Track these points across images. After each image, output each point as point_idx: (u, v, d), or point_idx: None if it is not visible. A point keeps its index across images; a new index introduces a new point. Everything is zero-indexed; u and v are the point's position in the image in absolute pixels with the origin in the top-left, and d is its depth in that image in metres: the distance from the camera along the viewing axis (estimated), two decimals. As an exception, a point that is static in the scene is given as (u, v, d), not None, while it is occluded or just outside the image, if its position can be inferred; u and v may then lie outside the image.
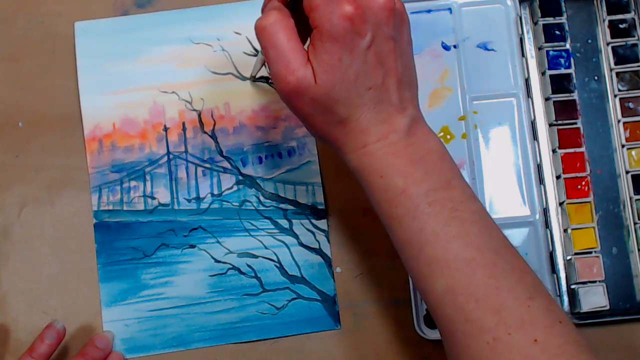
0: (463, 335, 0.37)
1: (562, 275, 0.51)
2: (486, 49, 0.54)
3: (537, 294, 0.37)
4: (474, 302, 0.36)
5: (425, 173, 0.39)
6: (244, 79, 0.54)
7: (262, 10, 0.41)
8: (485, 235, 0.38)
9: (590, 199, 0.51)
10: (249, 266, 0.52)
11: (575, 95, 0.53)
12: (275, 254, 0.52)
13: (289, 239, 0.52)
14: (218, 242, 0.52)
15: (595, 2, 0.54)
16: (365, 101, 0.38)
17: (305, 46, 0.39)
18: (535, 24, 0.54)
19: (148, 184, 0.53)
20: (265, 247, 0.52)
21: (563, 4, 0.53)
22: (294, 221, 0.53)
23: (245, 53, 0.54)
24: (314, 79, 0.38)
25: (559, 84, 0.52)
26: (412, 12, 0.54)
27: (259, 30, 0.39)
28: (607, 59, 0.53)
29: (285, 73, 0.38)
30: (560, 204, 0.52)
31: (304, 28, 0.39)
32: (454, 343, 0.38)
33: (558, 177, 0.52)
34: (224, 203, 0.53)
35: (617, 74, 0.53)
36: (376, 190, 0.39)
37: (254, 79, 0.54)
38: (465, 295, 0.37)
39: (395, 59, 0.39)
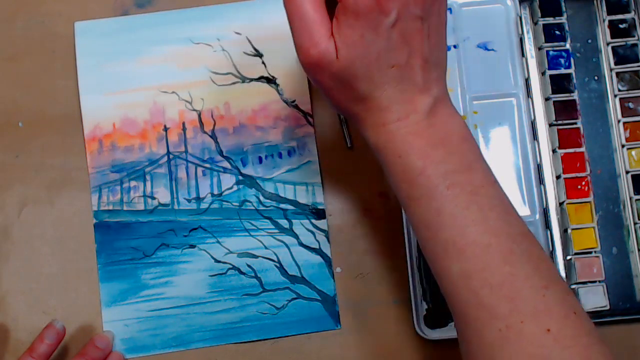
0: (475, 320, 0.36)
1: (562, 275, 0.51)
2: (486, 49, 0.54)
3: (553, 284, 0.37)
4: (489, 288, 0.36)
5: (446, 154, 0.38)
6: (244, 79, 0.54)
7: None
8: (503, 222, 0.37)
9: (590, 199, 0.51)
10: (249, 266, 0.52)
11: (575, 95, 0.53)
12: (275, 254, 0.52)
13: (289, 239, 0.52)
14: (218, 242, 0.52)
15: (595, 2, 0.54)
16: (388, 79, 0.38)
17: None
18: (535, 24, 0.54)
19: (148, 184, 0.53)
20: (265, 247, 0.52)
21: (563, 4, 0.53)
22: (294, 221, 0.53)
23: (245, 53, 0.55)
24: (336, 53, 0.37)
25: (559, 84, 0.53)
26: (412, 12, 0.54)
27: (287, 1, 0.38)
28: (607, 59, 0.53)
29: (308, 45, 0.37)
30: (560, 204, 0.52)
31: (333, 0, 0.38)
32: (466, 328, 0.37)
33: (558, 177, 0.52)
34: (224, 203, 0.53)
35: (617, 74, 0.53)
36: (395, 170, 0.39)
37: None
38: (479, 280, 0.36)
39: (422, 39, 0.38)
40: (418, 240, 0.40)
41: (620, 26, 0.53)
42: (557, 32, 0.53)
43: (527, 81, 0.54)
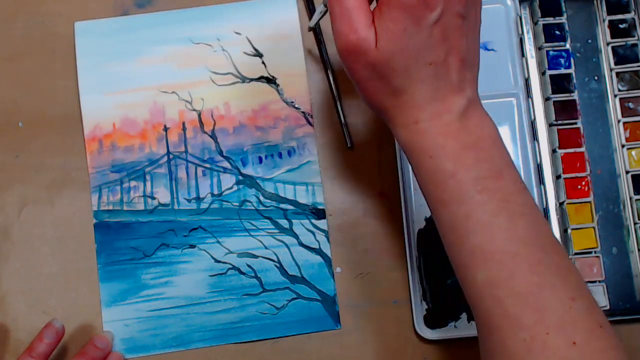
0: (499, 329, 0.36)
1: (562, 275, 0.51)
2: (486, 49, 0.54)
3: (580, 296, 0.36)
4: (514, 298, 0.36)
5: (477, 159, 0.37)
6: (244, 79, 0.54)
7: None
8: (532, 230, 0.37)
9: (590, 199, 0.51)
10: (249, 266, 0.52)
11: (575, 95, 0.53)
12: (275, 254, 0.52)
13: (289, 239, 0.52)
14: (218, 242, 0.52)
15: (595, 2, 0.54)
16: (423, 76, 0.37)
17: (372, 7, 0.38)
18: (535, 24, 0.54)
19: (148, 184, 0.53)
20: (265, 247, 0.52)
21: (563, 4, 0.53)
22: (294, 221, 0.53)
23: (245, 53, 0.54)
24: (375, 43, 0.37)
25: (559, 84, 0.52)
26: (412, 12, 0.54)
27: None
28: (607, 59, 0.53)
29: (347, 31, 0.37)
30: (560, 204, 0.52)
31: None
32: (489, 337, 0.37)
33: (558, 177, 0.52)
34: (224, 203, 0.53)
35: (617, 74, 0.53)
36: (425, 170, 0.38)
37: (310, 29, 0.52)
38: (505, 289, 0.36)
39: (461, 37, 0.37)
40: (445, 247, 0.39)
41: (620, 26, 0.53)
42: (557, 32, 0.53)
43: (527, 81, 0.54)
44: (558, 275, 0.36)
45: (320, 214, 0.53)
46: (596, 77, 0.53)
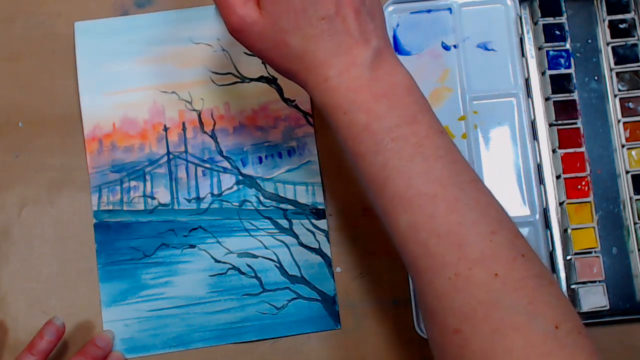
0: (426, 271, 0.36)
1: (562, 275, 0.51)
2: (486, 49, 0.54)
3: (501, 228, 0.36)
4: (436, 238, 0.36)
5: (389, 108, 0.37)
6: (243, 79, 0.54)
7: None
8: (449, 171, 0.37)
9: (590, 199, 0.51)
10: (249, 266, 0.52)
11: (575, 95, 0.53)
12: (275, 254, 0.52)
13: (289, 239, 0.52)
14: (218, 242, 0.52)
15: (595, 2, 0.54)
16: (319, 32, 0.37)
17: None
18: (535, 24, 0.54)
19: (148, 184, 0.53)
20: (265, 247, 0.52)
21: (563, 4, 0.53)
22: (294, 221, 0.53)
23: (246, 53, 0.54)
24: (260, 12, 0.37)
25: (559, 84, 0.52)
26: (412, 12, 0.54)
27: None
28: (607, 59, 0.53)
29: (226, 13, 0.38)
30: (560, 204, 0.52)
31: None
32: (418, 280, 0.37)
33: (558, 177, 0.52)
34: (224, 203, 0.53)
35: (617, 74, 0.53)
36: (340, 126, 0.38)
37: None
38: (427, 231, 0.36)
39: None
40: (369, 198, 0.39)
41: (620, 26, 0.53)
42: (557, 32, 0.53)
43: (527, 81, 0.54)
44: (477, 210, 0.37)
45: (320, 214, 0.53)
46: (596, 77, 0.53)
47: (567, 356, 0.34)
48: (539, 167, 0.53)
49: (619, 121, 0.53)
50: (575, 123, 0.52)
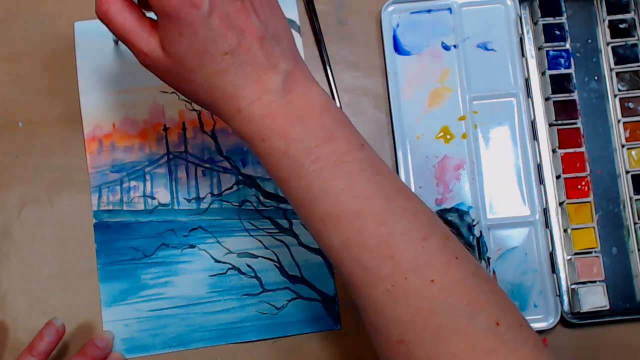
0: (364, 286, 0.36)
1: (562, 275, 0.51)
2: (486, 49, 0.54)
3: (432, 234, 0.37)
4: (369, 252, 0.36)
5: (306, 130, 0.37)
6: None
7: None
8: (373, 183, 0.37)
9: (590, 199, 0.51)
10: (249, 266, 0.52)
11: (575, 95, 0.53)
12: (275, 254, 0.52)
13: (289, 239, 0.52)
14: (218, 242, 0.52)
15: (595, 2, 0.54)
16: (224, 67, 0.37)
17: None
18: (535, 24, 0.54)
19: (148, 184, 0.53)
20: (265, 247, 0.52)
21: (563, 4, 0.53)
22: (294, 221, 0.53)
23: (245, 53, 0.54)
24: (162, 50, 0.37)
25: (559, 84, 0.53)
26: (412, 12, 0.54)
27: (100, 17, 0.38)
28: (607, 59, 0.53)
29: (135, 52, 0.38)
30: (560, 204, 0.52)
31: None
32: (358, 295, 0.37)
33: (558, 177, 0.52)
34: (224, 203, 0.53)
35: (617, 74, 0.53)
36: (260, 154, 0.38)
37: (116, 43, 0.54)
38: (359, 246, 0.36)
39: (248, 17, 0.37)
40: (300, 220, 0.39)
41: (620, 26, 0.53)
42: (557, 32, 0.53)
43: (527, 81, 0.54)
44: (406, 218, 0.37)
45: (320, 214, 0.53)
46: (596, 77, 0.53)
47: (509, 351, 0.34)
48: (539, 167, 0.53)
49: (619, 121, 0.53)
50: (575, 123, 0.52)
